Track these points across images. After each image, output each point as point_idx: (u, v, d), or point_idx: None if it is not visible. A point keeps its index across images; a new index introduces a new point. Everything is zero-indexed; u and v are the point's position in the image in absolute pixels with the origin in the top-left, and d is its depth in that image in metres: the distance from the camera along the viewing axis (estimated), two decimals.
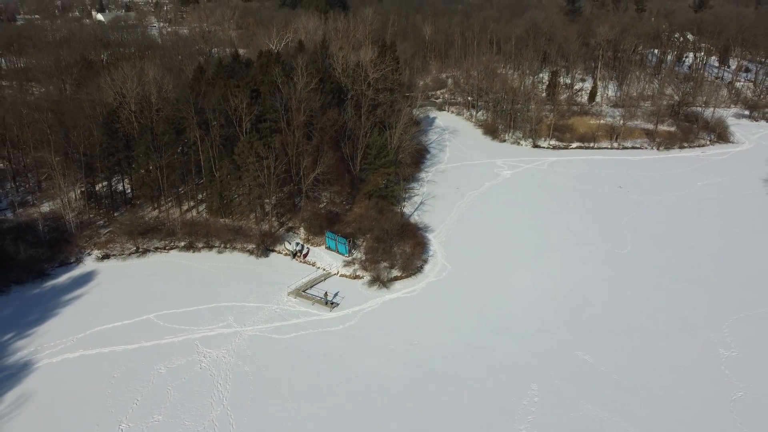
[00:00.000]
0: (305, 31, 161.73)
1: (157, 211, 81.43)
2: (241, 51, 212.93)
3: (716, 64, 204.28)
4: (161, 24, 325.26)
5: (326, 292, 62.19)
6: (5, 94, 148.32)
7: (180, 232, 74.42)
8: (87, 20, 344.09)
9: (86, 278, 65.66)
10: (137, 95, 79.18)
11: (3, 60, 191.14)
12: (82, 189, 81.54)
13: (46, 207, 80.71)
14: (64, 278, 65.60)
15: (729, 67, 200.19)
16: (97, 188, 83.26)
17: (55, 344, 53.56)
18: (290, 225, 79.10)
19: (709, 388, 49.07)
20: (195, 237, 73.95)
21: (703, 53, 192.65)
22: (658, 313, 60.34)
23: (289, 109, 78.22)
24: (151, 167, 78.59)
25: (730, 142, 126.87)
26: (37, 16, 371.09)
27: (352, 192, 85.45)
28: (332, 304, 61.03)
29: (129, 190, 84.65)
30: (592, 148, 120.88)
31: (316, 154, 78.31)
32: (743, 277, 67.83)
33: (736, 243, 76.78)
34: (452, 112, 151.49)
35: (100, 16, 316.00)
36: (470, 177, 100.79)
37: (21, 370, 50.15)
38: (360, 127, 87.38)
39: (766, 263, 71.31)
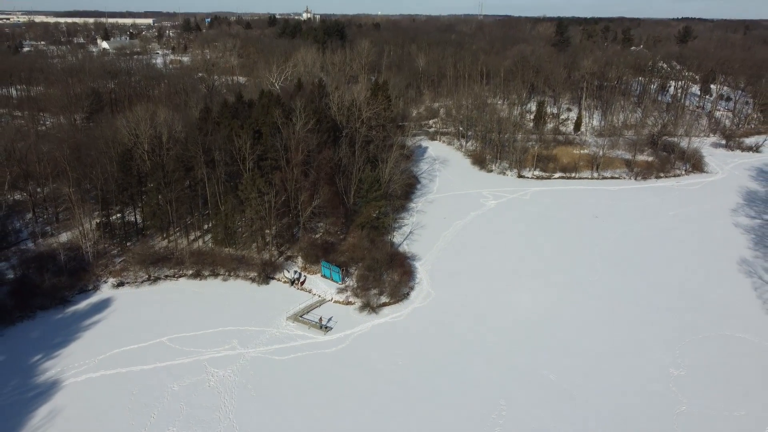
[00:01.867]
0: (304, 63, 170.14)
1: (166, 240, 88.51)
2: (242, 79, 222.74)
3: (698, 92, 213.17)
4: (164, 51, 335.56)
5: (321, 317, 69.04)
6: (17, 124, 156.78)
7: (188, 261, 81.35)
8: (92, 47, 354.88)
9: (104, 304, 72.47)
10: (150, 135, 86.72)
11: (13, 90, 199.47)
12: (98, 221, 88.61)
13: (64, 237, 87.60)
14: (83, 304, 72.39)
15: (710, 96, 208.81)
16: (111, 219, 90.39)
17: (78, 365, 60.21)
18: (289, 254, 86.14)
19: (656, 404, 55.72)
20: (202, 266, 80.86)
21: (684, 82, 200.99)
22: (618, 336, 67.13)
23: (289, 149, 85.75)
24: (161, 201, 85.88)
25: (704, 172, 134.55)
26: (42, 42, 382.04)
27: (346, 223, 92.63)
28: (326, 328, 67.84)
29: (140, 221, 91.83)
30: (574, 178, 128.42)
31: (312, 189, 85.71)
32: (698, 302, 74.70)
33: (696, 271, 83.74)
34: (443, 141, 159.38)
35: (105, 44, 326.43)
36: (457, 207, 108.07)
37: (50, 388, 56.77)
38: (354, 162, 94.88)
39: (720, 290, 78.18)
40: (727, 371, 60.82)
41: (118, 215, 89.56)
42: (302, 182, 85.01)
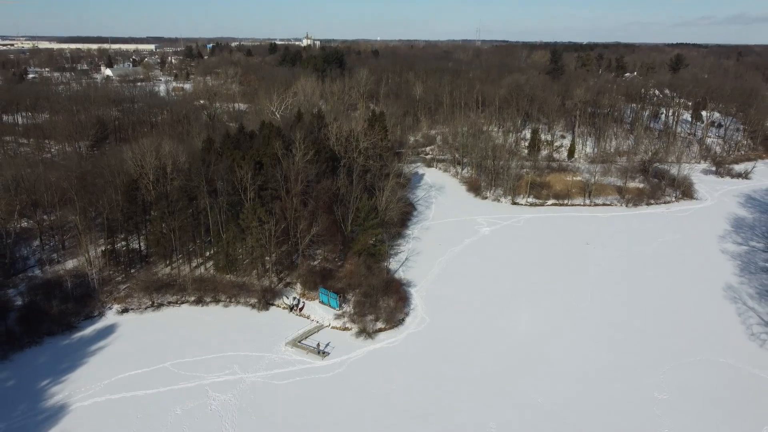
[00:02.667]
0: (303, 92, 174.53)
1: (169, 267, 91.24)
2: (242, 106, 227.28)
3: (689, 119, 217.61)
4: (166, 78, 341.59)
5: (318, 343, 71.53)
6: (24, 152, 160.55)
7: (190, 287, 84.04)
8: (96, 74, 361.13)
9: (109, 330, 74.97)
10: (155, 167, 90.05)
11: (19, 117, 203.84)
12: (103, 249, 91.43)
13: (70, 264, 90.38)
14: (89, 330, 74.89)
15: (702, 122, 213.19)
16: (115, 246, 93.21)
17: (85, 389, 62.55)
18: (288, 281, 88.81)
19: (641, 427, 58.05)
20: (204, 292, 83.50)
21: (676, 109, 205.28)
22: (605, 360, 69.58)
23: (288, 179, 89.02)
24: (165, 229, 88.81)
25: (694, 198, 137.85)
26: (47, 69, 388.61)
27: (344, 250, 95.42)
28: (324, 353, 70.29)
29: (144, 249, 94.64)
30: (567, 205, 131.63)
31: (311, 218, 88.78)
32: (683, 327, 77.21)
33: (682, 296, 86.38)
34: (440, 168, 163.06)
35: (109, 72, 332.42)
36: (452, 234, 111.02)
37: (58, 412, 59.06)
38: (351, 191, 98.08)
39: (705, 315, 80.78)
40: (710, 395, 63.14)
41: (123, 243, 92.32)
42: (301, 211, 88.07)
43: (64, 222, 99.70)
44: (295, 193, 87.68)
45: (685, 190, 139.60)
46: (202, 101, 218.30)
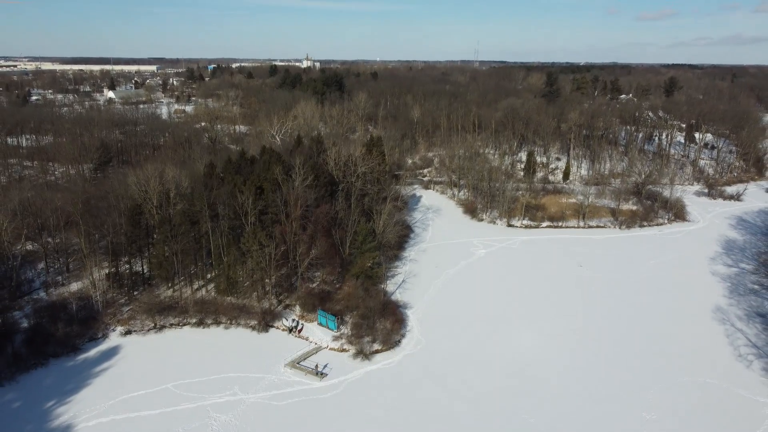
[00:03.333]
0: (303, 116, 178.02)
1: (171, 290, 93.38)
2: (243, 128, 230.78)
3: (683, 140, 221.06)
4: (168, 100, 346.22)
5: (317, 364, 73.48)
6: (28, 174, 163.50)
7: (192, 309, 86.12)
8: (99, 96, 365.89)
9: (112, 352, 76.92)
10: (158, 192, 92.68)
11: (23, 139, 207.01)
12: (107, 271, 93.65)
13: (74, 286, 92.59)
14: (93, 352, 76.83)
15: (695, 144, 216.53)
16: (119, 269, 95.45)
17: (90, 410, 64.35)
18: (287, 302, 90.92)
19: None
20: (205, 314, 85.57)
21: (669, 131, 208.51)
22: (596, 381, 71.49)
23: (288, 203, 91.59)
24: (167, 252, 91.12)
25: (686, 220, 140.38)
26: (50, 91, 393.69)
27: (342, 272, 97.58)
28: (322, 374, 72.20)
29: (146, 271, 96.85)
30: (561, 227, 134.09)
31: (310, 242, 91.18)
32: (672, 348, 79.19)
33: (672, 318, 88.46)
34: (437, 190, 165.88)
35: (111, 94, 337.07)
36: (448, 256, 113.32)
37: None
38: (350, 215, 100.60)
39: (694, 337, 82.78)
40: (698, 416, 64.98)
41: (126, 266, 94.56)
42: (300, 235, 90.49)
43: (69, 245, 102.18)
44: (294, 217, 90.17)
45: (678, 212, 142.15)
46: (203, 123, 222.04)
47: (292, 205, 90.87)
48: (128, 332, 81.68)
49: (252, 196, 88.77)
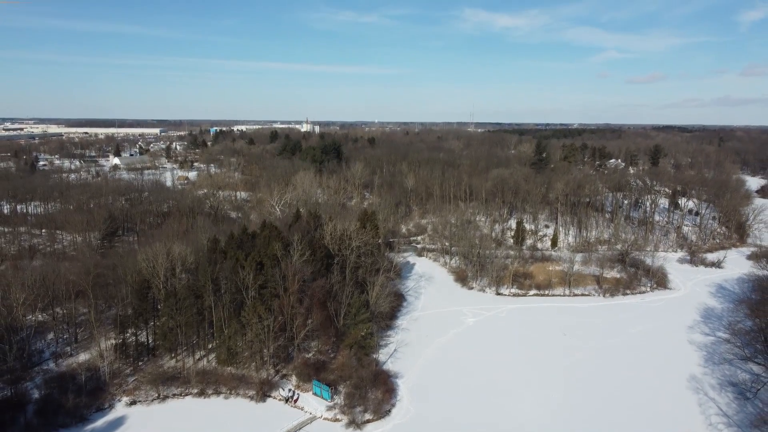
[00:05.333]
0: (302, 187, 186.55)
1: (174, 360, 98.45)
2: (244, 194, 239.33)
3: (667, 206, 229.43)
4: (172, 166, 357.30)
5: None
6: (36, 243, 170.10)
7: (194, 380, 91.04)
8: (104, 161, 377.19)
9: (119, 422, 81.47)
10: (165, 268, 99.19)
11: (31, 207, 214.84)
12: (114, 342, 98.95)
13: (82, 357, 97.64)
14: (100, 422, 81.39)
15: (680, 210, 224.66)
16: (126, 340, 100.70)
17: None
18: (284, 372, 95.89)
19: None
20: (206, 384, 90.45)
21: (654, 198, 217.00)
22: None
23: (286, 278, 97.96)
24: (172, 324, 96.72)
25: (668, 288, 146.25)
26: (57, 156, 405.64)
27: (337, 342, 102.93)
28: None
29: (151, 341, 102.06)
30: (547, 295, 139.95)
31: (306, 314, 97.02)
32: (647, 417, 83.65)
33: (648, 387, 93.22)
34: (430, 258, 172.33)
35: (117, 160, 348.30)
36: (439, 325, 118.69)
37: None
38: (344, 287, 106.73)
39: (668, 406, 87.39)
40: None
41: (132, 338, 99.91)
42: (297, 308, 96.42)
43: (77, 315, 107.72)
44: (292, 291, 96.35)
45: (660, 280, 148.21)
46: (205, 191, 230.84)
47: (290, 280, 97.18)
48: (133, 402, 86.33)
49: (252, 272, 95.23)
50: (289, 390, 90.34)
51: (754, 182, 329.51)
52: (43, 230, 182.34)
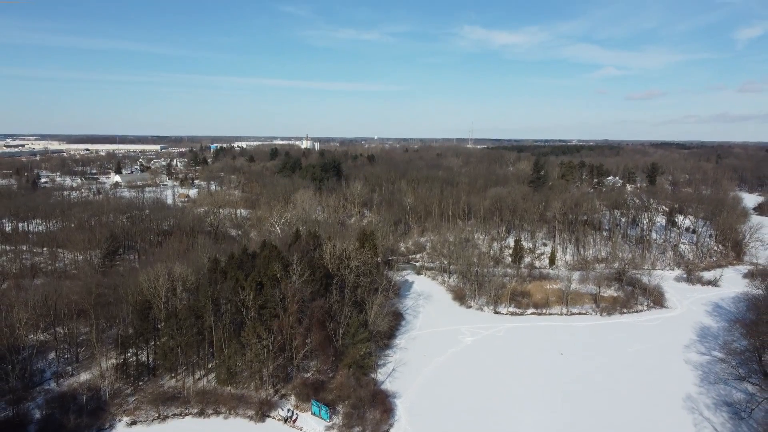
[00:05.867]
0: (302, 205, 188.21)
1: (174, 380, 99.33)
2: (244, 211, 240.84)
3: (664, 224, 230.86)
4: (173, 183, 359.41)
5: None
6: (38, 261, 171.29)
7: (193, 400, 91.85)
8: (105, 178, 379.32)
9: None
10: (166, 288, 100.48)
11: (32, 225, 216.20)
12: (114, 362, 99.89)
13: (83, 377, 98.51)
14: None
15: (677, 228, 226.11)
16: (126, 360, 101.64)
17: None
18: (283, 392, 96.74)
19: None
20: (206, 404, 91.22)
21: (651, 216, 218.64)
22: None
23: (286, 298, 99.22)
24: (172, 344, 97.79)
25: (664, 307, 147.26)
26: (58, 173, 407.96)
27: (336, 361, 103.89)
28: None
29: (151, 360, 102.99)
30: (545, 314, 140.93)
31: (305, 334, 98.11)
32: None
33: (644, 407, 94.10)
34: (428, 276, 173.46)
35: (117, 178, 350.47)
36: (437, 344, 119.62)
37: None
38: (343, 307, 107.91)
39: (663, 426, 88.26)
40: None
41: (133, 357, 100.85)
42: (297, 328, 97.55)
43: (78, 335, 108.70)
44: (291, 311, 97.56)
45: (656, 299, 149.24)
46: (205, 208, 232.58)
47: (289, 300, 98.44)
48: (134, 422, 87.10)
49: (252, 292, 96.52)
50: (288, 410, 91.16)
51: (751, 199, 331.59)
52: (45, 248, 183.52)
